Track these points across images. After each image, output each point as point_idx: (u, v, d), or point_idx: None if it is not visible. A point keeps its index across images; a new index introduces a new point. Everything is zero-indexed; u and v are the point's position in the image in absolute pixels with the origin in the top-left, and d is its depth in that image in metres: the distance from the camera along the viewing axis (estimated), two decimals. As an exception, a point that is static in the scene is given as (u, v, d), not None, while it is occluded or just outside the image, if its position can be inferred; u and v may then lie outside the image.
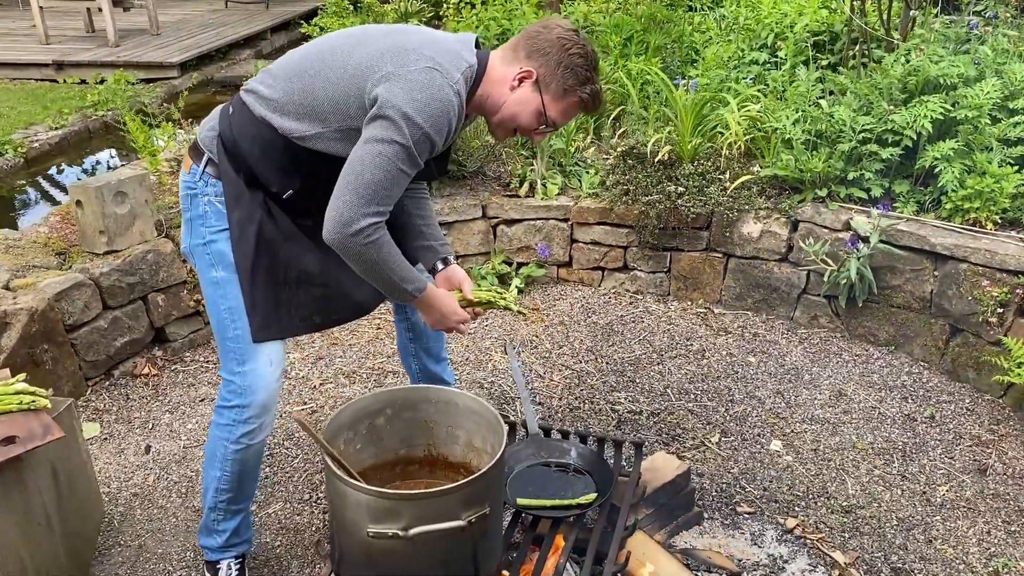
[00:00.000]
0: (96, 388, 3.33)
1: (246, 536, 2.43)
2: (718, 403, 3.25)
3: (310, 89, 2.04)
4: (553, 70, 2.06)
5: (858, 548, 2.57)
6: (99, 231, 3.37)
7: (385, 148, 1.93)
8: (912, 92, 3.79)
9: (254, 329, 2.17)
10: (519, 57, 2.09)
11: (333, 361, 3.55)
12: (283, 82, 2.09)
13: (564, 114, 2.14)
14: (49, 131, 7.11)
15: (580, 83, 2.09)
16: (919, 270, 3.42)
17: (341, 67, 2.02)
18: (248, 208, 2.14)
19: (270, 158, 2.12)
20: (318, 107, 2.04)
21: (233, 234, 2.14)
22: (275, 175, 2.14)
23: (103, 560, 2.55)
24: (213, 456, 2.28)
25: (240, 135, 2.12)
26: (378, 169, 1.94)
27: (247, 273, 2.15)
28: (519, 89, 2.09)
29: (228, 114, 2.16)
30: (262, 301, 2.17)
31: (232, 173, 2.13)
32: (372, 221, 1.97)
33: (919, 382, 3.35)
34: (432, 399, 2.26)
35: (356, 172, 1.95)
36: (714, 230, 3.83)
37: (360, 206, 1.95)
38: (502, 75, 2.10)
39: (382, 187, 1.95)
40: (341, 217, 1.95)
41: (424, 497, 1.88)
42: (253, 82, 2.16)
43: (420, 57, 1.97)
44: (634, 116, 4.38)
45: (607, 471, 2.44)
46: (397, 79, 1.94)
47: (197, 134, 2.23)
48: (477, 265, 4.08)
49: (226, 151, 2.14)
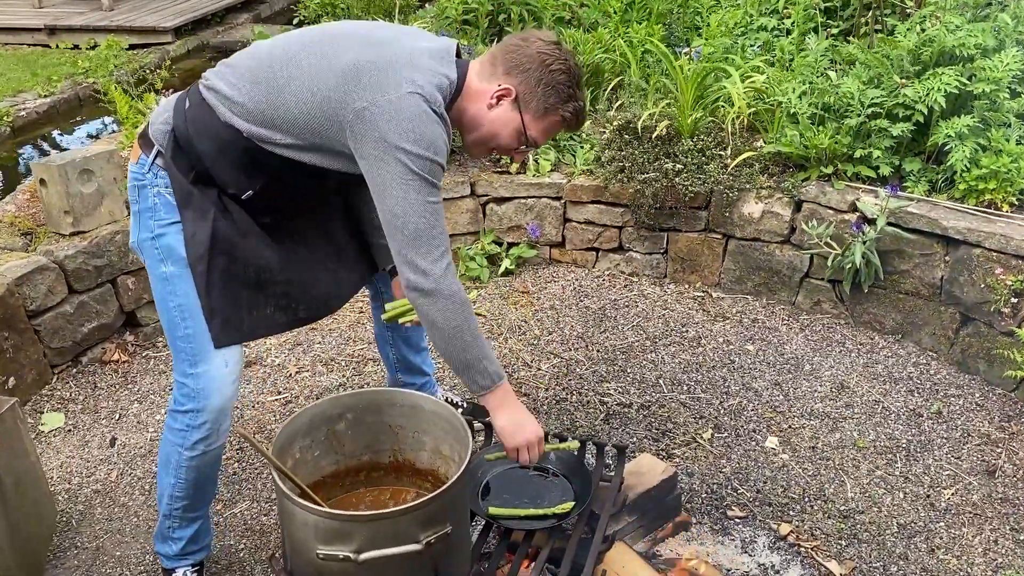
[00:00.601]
0: (63, 376, 3.19)
1: (204, 543, 2.30)
2: (712, 395, 3.08)
3: (278, 102, 1.89)
4: (533, 88, 1.93)
5: (855, 557, 2.42)
6: (64, 211, 3.21)
7: (406, 191, 1.82)
8: (926, 64, 3.56)
9: (214, 334, 2.02)
10: (497, 73, 1.96)
11: (311, 347, 3.40)
12: (247, 84, 1.92)
13: (545, 133, 2.02)
14: (38, 99, 6.95)
15: (562, 101, 1.96)
16: (929, 255, 3.22)
17: (311, 84, 1.86)
18: (200, 207, 1.98)
19: (228, 158, 1.96)
20: (288, 121, 1.89)
21: (186, 235, 1.99)
22: (233, 176, 1.98)
23: (57, 564, 2.43)
24: (167, 462, 2.14)
25: (196, 133, 1.95)
26: (415, 214, 1.84)
27: (202, 276, 2.00)
28: (497, 108, 1.96)
29: (184, 108, 1.99)
30: (221, 305, 2.02)
31: (179, 175, 1.97)
32: (443, 263, 1.88)
33: (926, 374, 3.17)
34: (397, 403, 2.11)
35: (398, 226, 1.85)
36: (713, 210, 3.63)
37: (422, 256, 1.86)
38: (479, 91, 1.97)
39: (428, 226, 1.85)
40: (413, 275, 1.87)
41: (377, 519, 1.73)
42: (213, 77, 1.98)
43: (400, 80, 1.82)
44: (633, 87, 4.16)
45: (587, 476, 2.29)
46: (381, 113, 1.80)
47: (148, 123, 2.06)
48: (465, 245, 3.90)
49: (179, 147, 1.97)
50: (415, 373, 2.74)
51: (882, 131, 3.44)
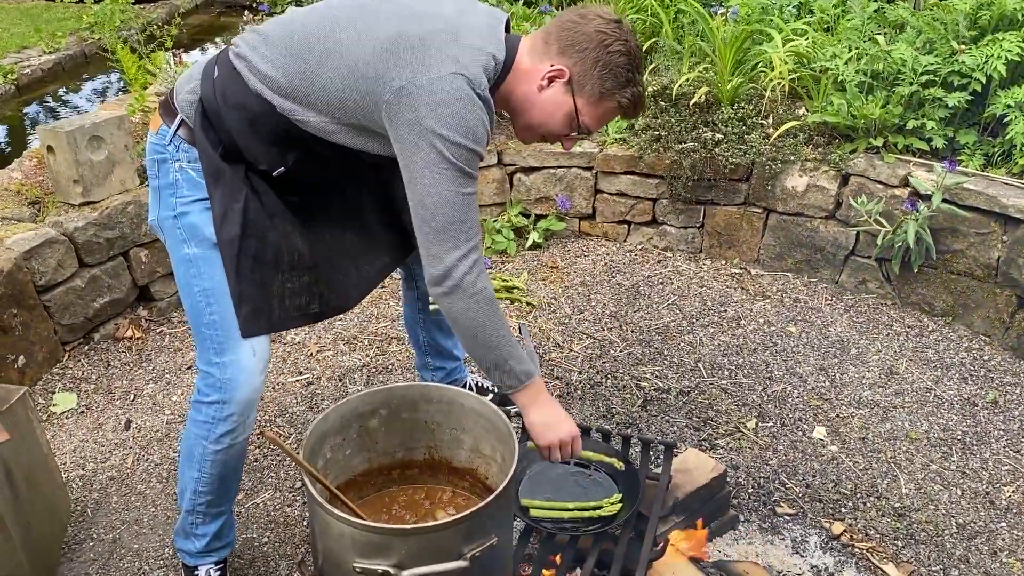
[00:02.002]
0: (74, 354, 3.05)
1: (228, 539, 2.17)
2: (755, 380, 2.93)
3: (313, 78, 1.72)
4: (589, 70, 1.76)
5: (913, 560, 2.29)
6: (73, 180, 3.05)
7: (440, 180, 1.68)
8: (984, 28, 3.35)
9: (241, 323, 1.87)
10: (550, 51, 1.78)
11: (332, 325, 3.25)
12: (281, 58, 1.75)
13: (599, 119, 1.85)
14: (42, 55, 6.74)
15: (620, 86, 1.78)
16: (985, 234, 3.05)
17: (351, 58, 1.70)
18: (231, 185, 1.81)
19: (260, 132, 1.80)
20: (323, 99, 1.73)
21: (216, 214, 1.83)
22: (264, 151, 1.82)
23: (72, 557, 2.31)
24: (190, 455, 2.00)
25: (226, 104, 1.78)
26: (446, 204, 1.69)
27: (232, 261, 1.84)
28: (548, 89, 1.79)
29: (213, 76, 1.82)
30: (250, 293, 1.87)
31: (209, 148, 1.80)
32: (471, 259, 1.74)
33: (979, 360, 3.01)
34: (433, 398, 1.97)
35: (427, 216, 1.71)
36: (754, 182, 3.45)
37: (451, 249, 1.72)
38: (530, 71, 1.80)
39: (458, 219, 1.71)
40: (438, 269, 1.74)
41: (419, 532, 1.59)
42: (244, 46, 1.80)
43: (443, 59, 1.65)
44: (667, 50, 3.96)
45: (633, 474, 2.16)
46: (421, 94, 1.63)
47: (174, 91, 1.88)
48: (491, 217, 3.73)
49: (207, 120, 1.80)
50: (445, 357, 2.60)
51: (936, 100, 3.25)
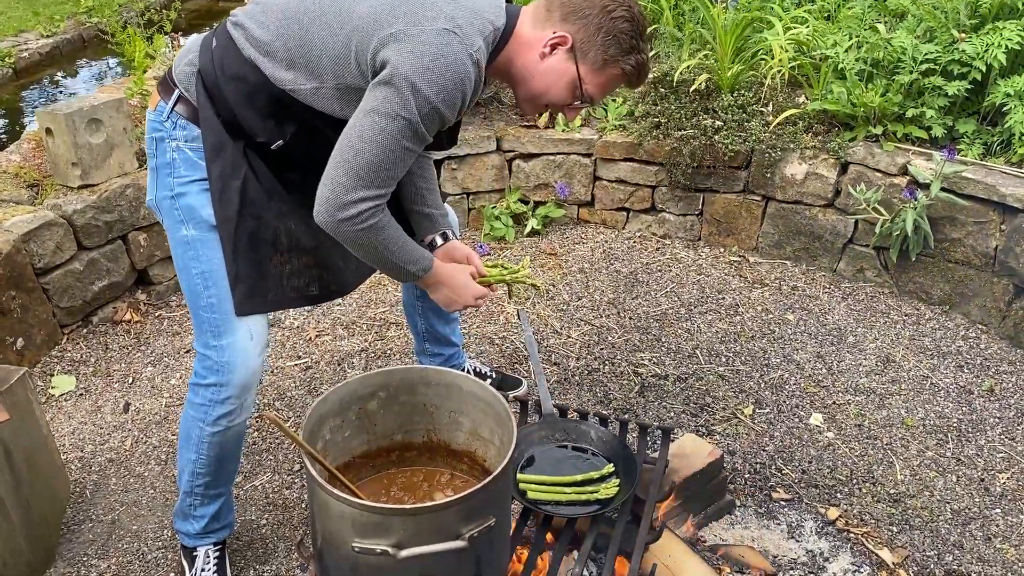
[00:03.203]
0: (73, 337, 3.06)
1: (227, 521, 2.18)
2: (752, 367, 2.94)
3: (306, 38, 1.72)
4: (592, 36, 1.74)
5: (908, 545, 2.30)
6: (72, 163, 3.04)
7: (388, 123, 1.64)
8: (984, 16, 3.35)
9: (237, 301, 1.87)
10: (552, 19, 1.77)
11: (331, 310, 3.26)
12: (276, 23, 1.75)
13: (603, 87, 1.83)
14: (40, 39, 6.71)
15: (624, 53, 1.77)
16: (983, 223, 3.05)
17: (345, 14, 1.69)
18: (231, 160, 1.81)
19: (255, 105, 1.79)
20: (314, 60, 1.72)
21: (213, 191, 1.83)
22: (261, 123, 1.82)
23: (71, 539, 2.31)
24: (188, 437, 2.01)
25: (223, 75, 1.78)
26: (379, 147, 1.65)
27: (230, 239, 1.84)
28: (551, 57, 1.78)
29: (211, 47, 1.81)
30: (247, 272, 1.87)
31: (213, 118, 1.80)
32: (371, 205, 1.71)
33: (976, 348, 3.02)
34: (432, 381, 1.96)
35: (355, 149, 1.66)
36: (753, 170, 3.46)
37: (357, 188, 1.68)
38: (531, 38, 1.78)
39: (383, 167, 1.68)
40: (336, 199, 1.68)
41: (418, 512, 1.60)
42: (241, 14, 1.81)
43: (437, 15, 1.64)
44: (667, 37, 3.95)
45: (630, 458, 2.16)
46: (408, 41, 1.62)
47: (172, 66, 1.88)
48: (490, 204, 3.73)
49: (207, 91, 1.80)
50: (443, 343, 2.60)
51: (936, 89, 3.25)
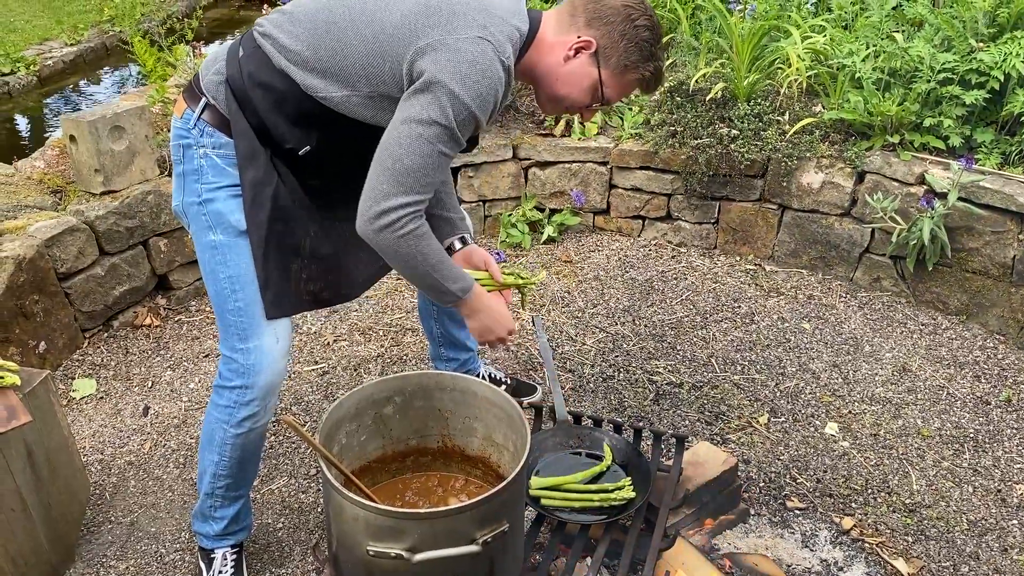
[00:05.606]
0: (94, 341, 3.10)
1: (245, 523, 2.21)
2: (767, 376, 2.94)
3: (339, 48, 1.75)
4: (616, 42, 1.80)
5: (923, 555, 2.29)
6: (94, 169, 3.09)
7: (426, 130, 1.68)
8: (1002, 26, 3.34)
9: (267, 305, 1.91)
10: (577, 23, 1.82)
11: (348, 316, 3.28)
12: (307, 33, 1.78)
13: (621, 91, 1.89)
14: (64, 47, 6.81)
15: (644, 59, 1.83)
16: (1001, 232, 3.04)
17: (378, 24, 1.73)
18: (264, 168, 1.85)
19: (284, 112, 1.83)
20: (348, 69, 1.76)
21: (246, 197, 1.86)
22: (290, 129, 1.85)
23: (90, 539, 2.35)
24: (211, 439, 2.04)
25: (251, 83, 1.82)
26: (417, 153, 1.69)
27: (260, 245, 1.88)
28: (574, 60, 1.83)
29: (237, 56, 1.85)
30: (276, 277, 1.91)
31: (245, 125, 1.83)
32: (410, 211, 1.74)
33: (993, 358, 3.01)
34: (447, 387, 1.99)
35: (393, 157, 1.70)
36: (769, 179, 3.46)
37: (396, 194, 1.71)
38: (555, 42, 1.84)
39: (422, 173, 1.71)
40: (376, 207, 1.72)
41: (432, 517, 1.62)
42: (269, 25, 1.84)
43: (470, 24, 1.69)
44: (684, 46, 3.96)
45: (643, 465, 2.17)
46: (444, 50, 1.67)
47: (199, 74, 1.92)
48: (506, 211, 3.75)
49: (236, 100, 1.83)
50: (459, 348, 2.62)
51: (953, 98, 3.24)
